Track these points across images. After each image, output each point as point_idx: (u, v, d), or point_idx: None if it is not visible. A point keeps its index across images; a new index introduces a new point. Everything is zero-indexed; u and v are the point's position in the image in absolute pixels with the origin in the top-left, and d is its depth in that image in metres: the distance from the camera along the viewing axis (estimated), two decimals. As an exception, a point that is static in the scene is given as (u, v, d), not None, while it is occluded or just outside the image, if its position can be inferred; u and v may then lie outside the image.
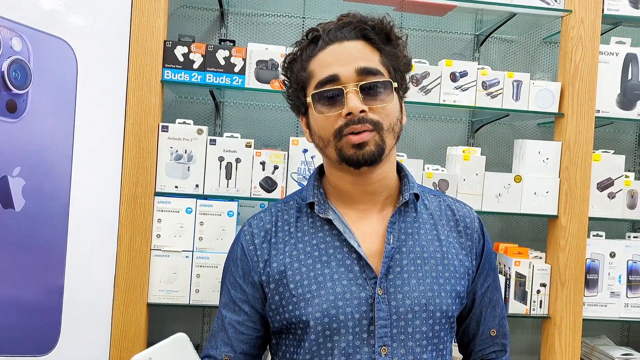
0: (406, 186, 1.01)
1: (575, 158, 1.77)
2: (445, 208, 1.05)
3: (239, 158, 1.64)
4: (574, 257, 1.76)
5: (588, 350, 1.93)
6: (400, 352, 0.92)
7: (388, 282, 0.94)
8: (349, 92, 0.92)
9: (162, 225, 1.61)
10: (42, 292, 1.54)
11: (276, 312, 0.97)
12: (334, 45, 0.95)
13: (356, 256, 0.95)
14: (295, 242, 0.98)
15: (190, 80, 1.63)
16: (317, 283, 0.94)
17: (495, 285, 1.09)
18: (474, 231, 1.05)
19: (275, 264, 0.97)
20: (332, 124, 0.94)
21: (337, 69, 0.93)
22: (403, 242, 0.98)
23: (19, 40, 1.52)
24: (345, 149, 0.93)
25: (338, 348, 0.92)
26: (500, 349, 1.10)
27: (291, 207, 1.03)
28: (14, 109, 1.52)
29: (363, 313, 0.92)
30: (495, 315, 1.09)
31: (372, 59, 0.95)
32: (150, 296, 1.60)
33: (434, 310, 0.95)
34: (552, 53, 2.09)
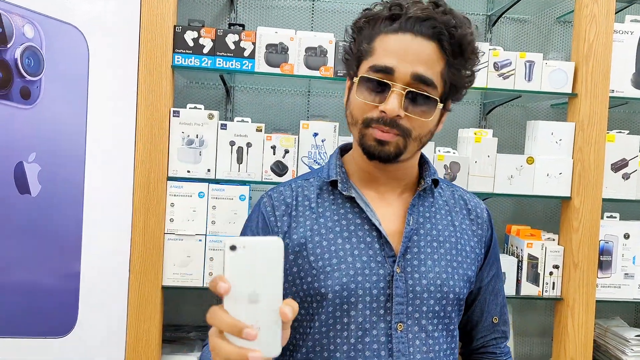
0: (427, 172, 1.03)
1: (589, 139, 1.75)
2: (458, 198, 1.08)
3: (250, 142, 1.64)
4: (587, 238, 1.75)
5: (601, 332, 1.92)
6: (414, 329, 0.94)
7: (406, 262, 0.96)
8: (394, 92, 0.90)
9: (175, 209, 1.63)
10: (59, 276, 1.57)
11: (292, 283, 0.97)
12: (407, 35, 0.91)
13: (377, 234, 0.97)
14: (316, 216, 0.99)
15: (200, 65, 1.63)
16: (338, 257, 0.95)
17: (498, 274, 1.12)
18: (484, 221, 1.07)
19: (296, 236, 0.98)
20: (367, 111, 0.93)
21: (395, 63, 0.91)
22: (421, 224, 1.00)
23: (31, 28, 1.54)
24: (367, 139, 0.94)
25: (355, 323, 0.93)
26: (501, 335, 1.13)
27: (311, 184, 1.03)
28: (28, 95, 1.54)
29: (381, 289, 0.94)
30: (498, 304, 1.11)
31: (433, 68, 0.92)
32: (165, 279, 1.63)
33: (447, 291, 0.97)
34: (566, 32, 2.06)
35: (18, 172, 1.54)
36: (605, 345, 1.89)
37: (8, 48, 1.51)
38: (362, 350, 0.93)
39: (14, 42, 1.51)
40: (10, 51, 1.51)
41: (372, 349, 0.93)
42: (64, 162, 1.57)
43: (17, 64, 1.52)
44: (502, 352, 1.12)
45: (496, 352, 1.12)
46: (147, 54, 1.60)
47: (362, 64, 0.96)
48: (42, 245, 1.56)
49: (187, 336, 1.85)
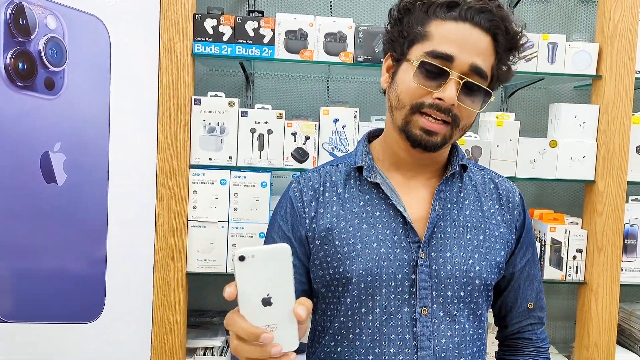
0: (455, 157, 1.02)
1: (613, 121, 1.72)
2: (489, 182, 1.06)
3: (270, 129, 1.65)
4: (611, 222, 1.73)
5: (626, 316, 1.91)
6: (439, 314, 0.95)
7: (430, 247, 0.96)
8: (453, 80, 0.90)
9: (198, 197, 1.64)
10: (85, 263, 1.60)
11: (319, 267, 0.99)
12: (466, 24, 0.91)
13: (401, 220, 0.97)
14: (342, 202, 1.00)
15: (220, 53, 1.64)
16: (363, 242, 0.96)
17: (534, 259, 1.10)
18: (516, 206, 1.06)
19: (322, 221, 0.99)
20: (419, 95, 0.92)
21: (456, 51, 0.90)
22: (448, 210, 0.99)
23: (54, 19, 1.55)
24: (412, 126, 0.93)
25: (379, 307, 0.95)
26: (537, 321, 1.11)
27: (339, 169, 1.04)
28: (52, 86, 1.56)
29: (405, 274, 0.95)
30: (533, 289, 1.10)
31: (488, 60, 0.93)
32: (189, 265, 1.65)
33: (473, 277, 0.97)
34: (590, 13, 2.01)
35: (44, 162, 1.57)
36: (630, 329, 1.87)
37: (32, 39, 1.53)
38: (387, 333, 0.94)
39: (37, 34, 1.53)
40: (33, 42, 1.53)
41: (397, 332, 0.94)
42: (89, 151, 1.59)
43: (40, 55, 1.54)
44: (539, 338, 1.11)
45: (532, 337, 1.11)
46: (168, 42, 1.61)
47: (415, 47, 0.94)
48: (69, 233, 1.59)
49: (211, 321, 1.88)
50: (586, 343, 1.76)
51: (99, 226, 1.61)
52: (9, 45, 1.52)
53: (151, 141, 1.62)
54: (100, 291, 1.62)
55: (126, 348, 1.64)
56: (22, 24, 1.52)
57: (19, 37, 1.52)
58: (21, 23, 1.52)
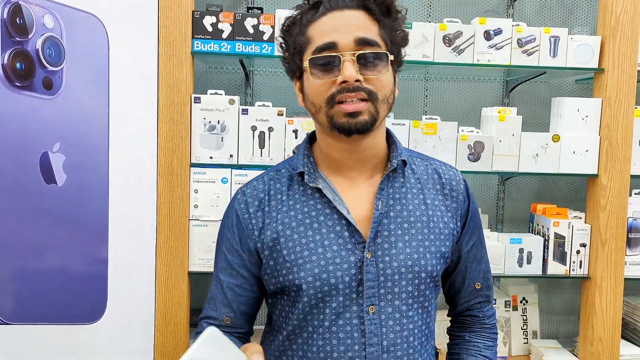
0: (394, 153, 1.03)
1: (616, 115, 1.71)
2: (432, 172, 1.08)
3: (271, 127, 1.64)
4: (615, 216, 1.72)
5: (630, 310, 1.90)
6: (388, 310, 0.98)
7: (376, 246, 0.98)
8: (346, 61, 0.93)
9: (199, 195, 1.63)
10: (87, 263, 1.60)
11: (271, 276, 1.02)
12: (335, 12, 0.95)
13: (345, 222, 0.99)
14: (287, 210, 1.02)
15: (219, 51, 1.62)
16: (309, 249, 0.98)
17: (480, 242, 1.13)
18: (459, 193, 1.07)
19: (269, 231, 1.01)
20: (326, 90, 0.95)
21: (335, 37, 0.94)
22: (391, 207, 1.01)
23: (51, 18, 1.54)
24: (337, 117, 0.95)
25: (329, 307, 0.97)
26: (484, 299, 1.15)
27: (283, 175, 1.05)
28: (50, 86, 1.55)
29: (352, 276, 0.97)
30: (480, 270, 1.13)
31: (370, 30, 0.96)
32: (191, 265, 1.64)
33: (419, 271, 0.99)
34: (592, 5, 2.00)
35: (43, 163, 1.56)
36: (634, 323, 1.87)
37: (29, 39, 1.52)
38: (336, 332, 0.98)
39: (34, 33, 1.52)
40: (31, 42, 1.52)
41: (346, 330, 0.97)
42: (88, 151, 1.58)
43: (38, 54, 1.53)
44: (485, 315, 1.15)
45: (479, 315, 1.15)
46: (166, 40, 1.59)
47: (304, 55, 0.98)
48: (69, 234, 1.58)
49: (214, 320, 1.87)
50: (590, 337, 1.76)
51: (100, 227, 1.60)
52: (7, 45, 1.50)
53: (151, 140, 1.61)
54: (102, 292, 1.61)
55: (129, 348, 1.63)
56: (20, 24, 1.51)
57: (16, 37, 1.51)
58: (18, 22, 1.51)
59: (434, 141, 1.69)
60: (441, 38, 1.68)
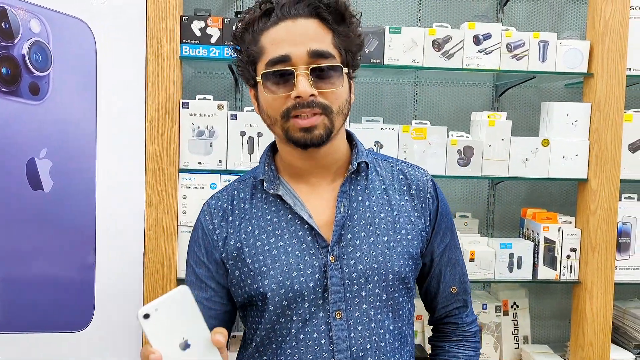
0: (355, 155, 1.02)
1: (605, 119, 1.71)
2: (398, 173, 1.06)
3: (260, 132, 1.63)
4: (605, 220, 1.72)
5: (620, 314, 1.90)
6: (355, 315, 0.96)
7: (340, 250, 0.97)
8: (299, 75, 0.91)
9: (188, 201, 1.62)
10: (74, 270, 1.58)
11: (237, 286, 1.01)
12: (287, 22, 0.93)
13: (308, 227, 0.98)
14: (250, 218, 1.01)
15: (208, 56, 1.61)
16: (272, 256, 0.97)
17: (454, 244, 1.11)
18: (427, 193, 1.06)
19: (233, 241, 1.00)
20: (281, 104, 0.93)
21: (288, 49, 0.92)
22: (354, 209, 1.00)
23: (38, 22, 1.53)
24: (292, 131, 0.94)
25: (296, 315, 0.96)
26: (461, 305, 1.12)
27: (247, 184, 1.05)
28: (37, 91, 1.53)
29: (317, 281, 0.95)
30: (455, 273, 1.11)
31: (324, 40, 0.94)
32: (179, 271, 1.63)
33: (386, 273, 0.97)
34: (581, 10, 2.01)
35: (30, 169, 1.54)
36: (624, 328, 1.87)
37: (15, 44, 1.50)
38: (304, 340, 0.96)
39: (20, 38, 1.51)
40: (17, 47, 1.51)
41: (313, 337, 0.96)
42: (75, 157, 1.56)
43: (24, 59, 1.52)
44: (464, 321, 1.12)
45: (458, 322, 1.12)
46: (154, 45, 1.58)
47: (258, 66, 0.96)
48: (56, 240, 1.56)
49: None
50: (581, 342, 1.75)
51: (87, 233, 1.58)
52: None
53: (139, 146, 1.60)
54: (89, 299, 1.59)
55: (117, 356, 1.61)
56: (5, 28, 1.49)
57: (2, 42, 1.49)
58: (4, 27, 1.49)
59: (423, 146, 1.68)
60: (430, 43, 1.68)
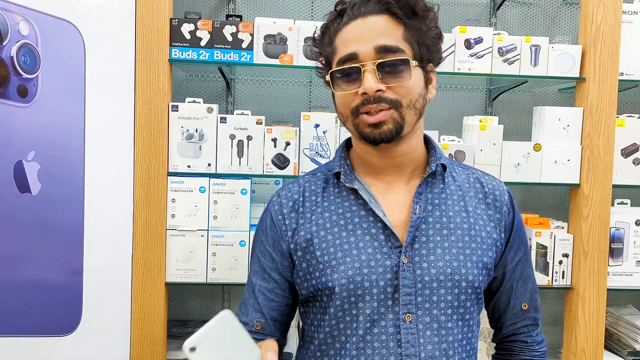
0: (433, 157, 1.01)
1: (597, 124, 1.70)
2: (474, 181, 1.05)
3: (250, 135, 1.62)
4: (597, 226, 1.71)
5: (613, 320, 1.89)
6: (425, 320, 0.93)
7: (413, 251, 0.95)
8: (366, 71, 0.92)
9: (177, 205, 1.61)
10: (62, 274, 1.56)
11: (304, 279, 0.99)
12: (357, 20, 0.94)
13: (381, 225, 0.96)
14: (322, 211, 1.00)
15: (198, 58, 1.61)
16: (343, 251, 0.95)
17: (527, 259, 1.08)
18: (503, 204, 1.04)
19: (303, 232, 0.99)
20: (350, 101, 0.94)
21: (356, 47, 0.93)
22: (430, 212, 0.98)
23: (27, 25, 1.52)
24: (362, 127, 0.94)
25: (363, 315, 0.93)
26: (531, 322, 1.09)
27: (319, 178, 1.05)
28: (25, 93, 1.52)
29: (388, 281, 0.93)
30: (527, 290, 1.08)
31: (393, 35, 0.93)
32: (168, 275, 1.62)
33: (459, 279, 0.95)
34: (574, 15, 2.00)
35: (17, 171, 1.53)
36: (618, 334, 1.85)
37: (4, 46, 1.50)
38: (371, 341, 0.93)
39: (9, 40, 1.50)
40: (5, 49, 1.50)
41: (381, 340, 0.93)
42: (64, 159, 1.55)
43: (13, 61, 1.51)
44: (534, 340, 1.09)
45: (527, 340, 1.09)
46: (144, 48, 1.57)
47: (332, 66, 0.97)
48: (44, 244, 1.55)
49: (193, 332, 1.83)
50: (574, 348, 1.74)
51: (75, 236, 1.57)
52: (-20, 52, 1.48)
53: (128, 148, 1.59)
54: (76, 303, 1.58)
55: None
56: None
57: (-11, 44, 1.49)
58: (-8, 29, 1.48)
59: (414, 150, 1.67)
60: (422, 47, 1.67)
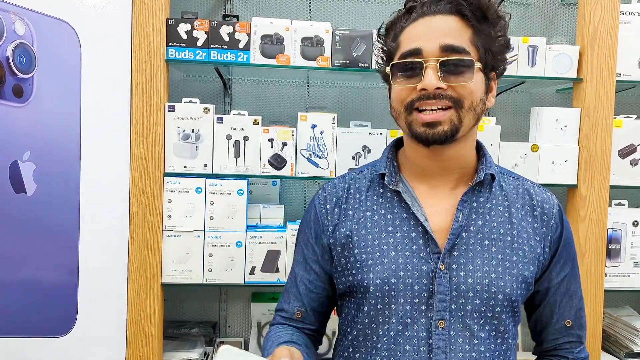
0: (483, 165, 0.99)
1: (595, 125, 1.70)
2: (523, 192, 1.03)
3: (246, 136, 1.61)
4: (594, 227, 1.70)
5: (611, 322, 1.88)
6: (458, 328, 0.93)
7: (452, 259, 0.94)
8: (428, 67, 0.91)
9: (173, 205, 1.60)
10: (57, 275, 1.56)
11: (341, 274, 1.00)
12: (426, 18, 0.94)
13: (422, 230, 0.96)
14: (364, 210, 1.00)
15: (194, 58, 1.60)
16: (381, 251, 0.96)
17: (574, 274, 1.06)
18: (552, 218, 1.02)
19: (343, 229, 1.00)
20: (406, 96, 0.93)
21: (421, 43, 0.92)
22: (472, 221, 0.97)
23: (22, 24, 1.51)
24: (415, 125, 0.93)
25: (395, 317, 0.94)
26: (575, 340, 1.07)
27: (364, 176, 1.05)
28: (21, 93, 1.52)
29: (423, 286, 0.93)
30: (572, 306, 1.06)
31: (460, 37, 0.93)
32: (164, 276, 1.61)
33: (496, 292, 0.94)
34: (572, 16, 2.00)
35: (13, 172, 1.52)
36: (615, 335, 1.85)
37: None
38: (402, 343, 0.94)
39: (4, 40, 1.49)
40: (1, 49, 1.49)
41: (412, 343, 0.93)
42: (59, 160, 1.55)
43: (8, 61, 1.50)
44: (576, 357, 1.07)
45: (568, 357, 1.07)
46: (140, 48, 1.57)
47: (393, 60, 0.97)
48: (39, 244, 1.54)
49: (190, 332, 1.84)
50: (571, 350, 1.73)
51: (70, 237, 1.56)
52: (-25, 51, 1.48)
53: (124, 149, 1.58)
54: (72, 304, 1.57)
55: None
56: (-11, 30, 1.48)
57: (-15, 44, 1.48)
58: (-13, 29, 1.48)
59: (411, 151, 1.67)
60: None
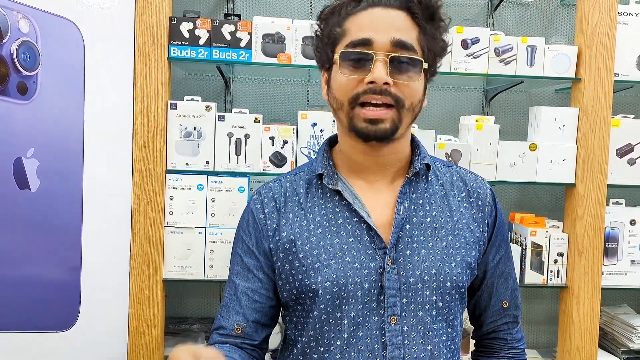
0: (417, 156, 0.99)
1: (593, 124, 1.71)
2: (457, 179, 1.03)
3: (248, 134, 1.63)
4: (592, 225, 1.72)
5: (608, 320, 1.90)
6: (411, 322, 0.92)
7: (398, 252, 0.93)
8: (378, 61, 0.89)
9: (175, 202, 1.62)
10: (60, 270, 1.58)
11: (286, 281, 0.97)
12: (377, 9, 0.92)
13: (366, 226, 0.95)
14: (304, 212, 0.98)
15: (196, 57, 1.62)
16: (327, 252, 0.94)
17: (508, 257, 1.08)
18: (486, 202, 1.03)
19: (285, 233, 0.97)
20: (352, 88, 0.91)
21: (372, 34, 0.90)
22: (413, 212, 0.97)
23: (26, 22, 1.53)
24: (356, 120, 0.91)
25: (347, 317, 0.92)
26: (511, 320, 1.09)
27: (301, 178, 1.02)
28: (25, 90, 1.54)
29: (372, 282, 0.92)
30: (507, 287, 1.08)
31: (409, 34, 0.92)
32: (166, 272, 1.63)
33: (444, 280, 0.94)
34: (570, 16, 2.01)
35: (17, 168, 1.54)
36: (612, 333, 1.86)
37: (4, 43, 1.51)
38: (356, 344, 0.92)
39: (9, 37, 1.51)
40: (5, 46, 1.51)
41: (365, 342, 0.92)
42: (63, 156, 1.56)
43: (13, 59, 1.52)
44: (514, 338, 1.09)
45: (507, 338, 1.09)
46: (143, 46, 1.59)
47: (337, 47, 0.94)
48: (42, 240, 1.56)
49: (191, 328, 1.85)
50: (568, 347, 1.75)
51: (73, 233, 1.58)
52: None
53: (126, 146, 1.60)
54: (75, 299, 1.59)
55: (102, 357, 1.61)
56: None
57: (-10, 41, 1.50)
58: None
59: (411, 149, 1.68)
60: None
